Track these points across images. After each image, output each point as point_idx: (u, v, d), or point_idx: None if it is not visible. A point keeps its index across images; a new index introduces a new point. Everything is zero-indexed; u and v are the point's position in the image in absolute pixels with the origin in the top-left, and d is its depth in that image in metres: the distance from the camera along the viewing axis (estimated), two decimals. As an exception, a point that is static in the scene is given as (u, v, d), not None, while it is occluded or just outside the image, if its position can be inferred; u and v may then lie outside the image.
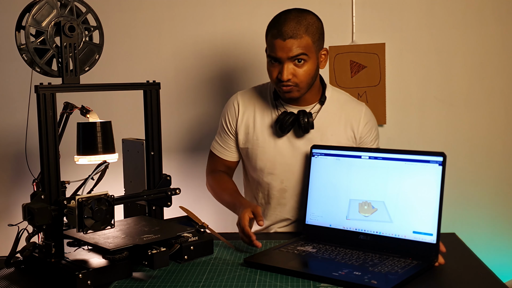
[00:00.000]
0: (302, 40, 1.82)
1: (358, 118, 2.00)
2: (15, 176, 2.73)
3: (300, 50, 1.82)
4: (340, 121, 1.99)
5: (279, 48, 1.82)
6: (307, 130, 1.93)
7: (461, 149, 2.65)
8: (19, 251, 1.52)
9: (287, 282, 1.44)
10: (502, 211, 2.67)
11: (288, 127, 1.93)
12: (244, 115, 2.03)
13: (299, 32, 1.82)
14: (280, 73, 1.85)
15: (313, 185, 1.80)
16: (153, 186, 1.73)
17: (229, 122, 2.06)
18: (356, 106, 2.03)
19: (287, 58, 1.83)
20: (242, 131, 2.03)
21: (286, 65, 1.84)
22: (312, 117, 1.92)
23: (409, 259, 1.55)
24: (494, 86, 2.63)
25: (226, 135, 2.07)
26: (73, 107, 1.63)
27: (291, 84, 1.86)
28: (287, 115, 1.93)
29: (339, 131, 1.98)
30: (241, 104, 2.04)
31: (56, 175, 1.49)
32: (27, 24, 1.52)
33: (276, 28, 1.84)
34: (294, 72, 1.85)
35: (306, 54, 1.84)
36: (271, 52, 1.85)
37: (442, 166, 1.58)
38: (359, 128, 1.99)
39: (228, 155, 2.08)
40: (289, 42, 1.81)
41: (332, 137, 1.97)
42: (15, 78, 2.70)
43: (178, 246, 1.54)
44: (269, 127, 2.00)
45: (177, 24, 2.69)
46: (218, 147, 2.10)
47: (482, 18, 2.60)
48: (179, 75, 2.72)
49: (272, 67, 1.88)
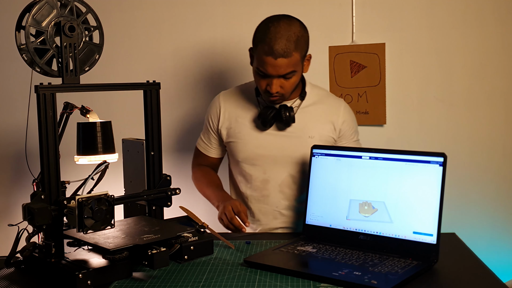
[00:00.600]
0: (292, 58, 1.88)
1: (337, 112, 2.08)
2: (15, 176, 2.73)
3: (289, 68, 1.89)
4: (320, 115, 2.07)
5: (270, 65, 1.87)
6: (289, 124, 2.01)
7: (461, 149, 2.64)
8: (19, 251, 1.52)
9: (287, 282, 1.44)
10: (502, 211, 2.67)
11: (270, 121, 2.00)
12: (226, 113, 2.11)
13: (289, 50, 1.86)
14: (269, 85, 1.92)
15: (313, 185, 1.80)
16: (153, 186, 1.73)
17: (212, 120, 2.15)
18: (335, 101, 2.12)
19: (277, 75, 1.89)
20: (225, 127, 2.11)
21: (276, 80, 1.91)
22: (293, 111, 2.00)
23: (409, 259, 1.55)
24: (494, 86, 2.63)
25: (209, 133, 2.17)
26: (73, 107, 1.63)
27: (278, 95, 1.95)
28: (269, 109, 2.00)
29: (319, 124, 2.06)
30: (223, 103, 2.13)
31: (56, 175, 1.49)
32: (27, 24, 1.52)
33: (266, 44, 1.86)
34: (282, 85, 1.92)
35: (294, 71, 1.91)
36: (261, 67, 1.90)
37: (442, 166, 1.58)
38: (339, 122, 2.07)
39: (211, 151, 2.18)
40: (280, 61, 1.86)
41: (313, 129, 2.04)
42: (15, 78, 2.69)
43: (178, 246, 1.54)
44: (251, 122, 2.07)
45: (177, 24, 2.69)
46: (202, 144, 2.20)
47: (482, 18, 2.60)
48: (179, 75, 2.72)
49: (260, 78, 1.94)
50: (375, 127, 2.66)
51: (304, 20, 2.73)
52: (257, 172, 2.06)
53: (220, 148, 2.18)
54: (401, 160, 1.65)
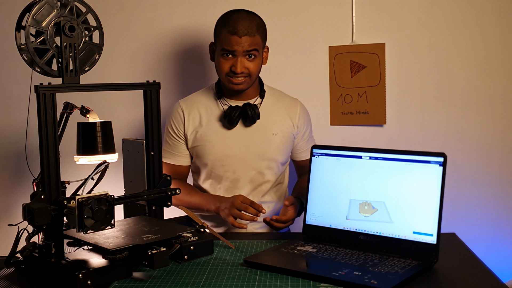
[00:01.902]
0: (255, 38, 2.04)
1: (295, 110, 2.22)
2: (15, 176, 2.73)
3: (253, 46, 2.04)
4: (279, 112, 2.19)
5: (236, 43, 2.02)
6: (254, 121, 2.11)
7: (461, 149, 2.65)
8: (19, 251, 1.52)
9: (287, 282, 1.44)
10: (502, 211, 2.67)
11: (236, 119, 2.10)
12: (190, 118, 2.15)
13: (252, 30, 2.03)
14: (234, 65, 2.04)
15: (313, 185, 1.80)
16: (153, 186, 1.73)
17: (177, 128, 2.17)
18: (291, 101, 2.25)
19: (242, 52, 2.02)
20: (190, 132, 2.15)
21: (240, 59, 2.04)
22: (258, 108, 2.11)
23: (409, 259, 1.55)
24: (494, 86, 2.63)
25: (175, 141, 2.18)
26: (73, 107, 1.63)
27: (244, 75, 2.06)
28: (234, 108, 2.09)
29: (280, 120, 2.18)
30: (184, 108, 2.17)
31: (56, 175, 1.49)
32: (27, 24, 1.52)
33: (231, 25, 2.02)
34: (246, 65, 2.05)
35: (257, 50, 2.06)
36: (227, 46, 2.03)
37: (442, 166, 1.58)
38: (296, 119, 2.21)
39: (181, 160, 2.19)
40: (244, 39, 2.02)
41: (275, 126, 2.16)
42: (15, 78, 2.69)
43: (178, 246, 1.54)
44: (216, 122, 2.13)
45: (177, 24, 2.69)
46: (169, 155, 2.19)
47: (482, 18, 2.60)
48: (180, 75, 2.72)
49: (225, 60, 2.06)
50: (375, 127, 2.66)
51: (304, 20, 2.74)
52: (227, 172, 2.12)
53: (189, 154, 2.19)
54: (401, 160, 1.65)
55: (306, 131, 2.24)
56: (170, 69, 2.71)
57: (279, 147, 2.15)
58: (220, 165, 2.12)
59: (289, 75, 2.64)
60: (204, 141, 2.12)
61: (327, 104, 2.66)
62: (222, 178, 2.13)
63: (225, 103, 2.15)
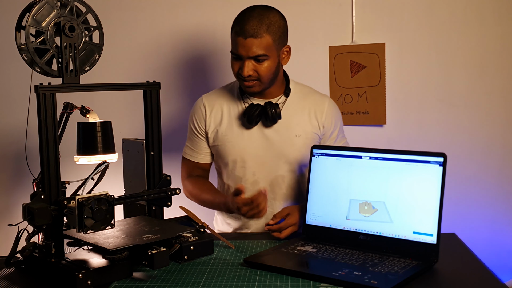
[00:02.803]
0: (263, 39, 1.90)
1: (322, 108, 2.08)
2: (15, 176, 2.73)
3: (259, 51, 1.90)
4: (304, 111, 2.07)
5: (241, 46, 1.91)
6: (275, 120, 2.00)
7: (461, 149, 2.65)
8: (19, 251, 1.52)
9: (287, 282, 1.44)
10: (502, 211, 2.67)
11: (256, 118, 1.99)
12: (212, 115, 2.09)
13: (260, 31, 1.89)
14: (241, 68, 1.93)
15: (313, 185, 1.80)
16: (153, 186, 1.73)
17: (198, 125, 2.11)
18: (320, 98, 2.11)
19: (246, 56, 1.91)
20: (211, 130, 2.08)
21: (247, 63, 1.92)
22: (279, 108, 1.99)
23: (409, 259, 1.55)
24: (494, 86, 2.63)
25: (197, 138, 2.13)
26: (73, 107, 1.63)
27: (252, 79, 1.95)
28: (254, 106, 2.00)
29: (304, 121, 2.06)
30: (207, 105, 2.11)
31: (56, 175, 1.49)
32: (27, 24, 1.52)
33: (239, 25, 1.92)
34: (255, 68, 1.93)
35: (265, 55, 1.91)
36: (233, 49, 1.94)
37: (442, 166, 1.58)
38: (323, 118, 2.07)
39: (201, 157, 2.14)
40: (249, 41, 1.89)
41: (298, 127, 2.04)
42: (15, 78, 2.69)
43: (178, 246, 1.54)
44: (237, 120, 2.06)
45: (177, 24, 2.69)
46: (190, 151, 2.15)
47: (482, 18, 2.60)
48: (180, 74, 2.72)
49: (234, 62, 1.97)
50: (375, 127, 2.66)
51: (304, 20, 2.73)
52: (247, 174, 2.04)
53: (210, 151, 2.14)
54: (401, 160, 1.65)
55: (334, 130, 2.09)
56: (170, 69, 2.71)
57: (302, 149, 2.03)
58: (240, 166, 2.04)
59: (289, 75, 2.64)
60: (224, 140, 2.05)
61: (327, 104, 2.66)
62: (242, 179, 2.05)
63: (247, 101, 2.06)
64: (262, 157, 2.03)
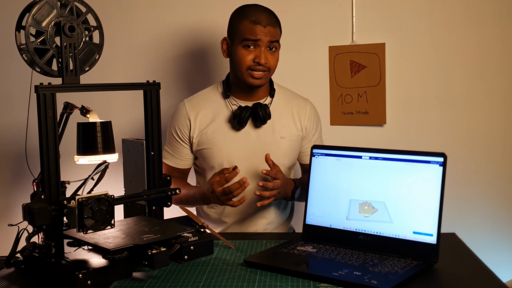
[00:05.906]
0: (277, 30, 2.02)
1: (305, 111, 2.15)
2: (15, 176, 2.73)
3: (276, 37, 2.01)
4: (288, 113, 2.13)
5: (261, 32, 1.97)
6: (265, 121, 2.05)
7: (461, 149, 2.65)
8: (19, 251, 1.52)
9: (287, 282, 1.44)
10: (502, 211, 2.67)
11: (246, 120, 2.03)
12: (197, 119, 2.08)
13: (274, 22, 2.01)
14: (258, 56, 1.97)
15: (313, 185, 1.80)
16: (153, 186, 1.73)
17: (181, 130, 2.10)
18: (302, 101, 2.19)
19: (266, 42, 1.98)
20: (196, 134, 2.08)
21: (264, 49, 1.98)
22: (269, 108, 2.05)
23: (409, 259, 1.55)
24: (494, 86, 2.63)
25: (178, 144, 2.12)
26: (73, 107, 1.63)
27: (265, 69, 2.00)
28: (244, 109, 2.03)
29: (289, 122, 2.12)
30: (190, 110, 2.10)
31: (56, 175, 1.49)
32: (27, 24, 1.52)
33: (254, 16, 1.98)
34: (269, 58, 2.00)
35: (278, 42, 2.03)
36: (251, 36, 1.97)
37: (442, 166, 1.58)
38: (305, 121, 2.15)
39: (181, 163, 2.15)
40: (269, 29, 1.98)
41: (283, 129, 2.10)
42: (15, 78, 2.69)
43: (178, 246, 1.54)
44: (224, 123, 2.07)
45: (177, 23, 2.69)
46: (169, 156, 2.15)
47: (482, 18, 2.60)
48: (180, 74, 2.72)
49: (247, 51, 1.99)
50: (375, 127, 2.67)
51: (304, 20, 2.74)
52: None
53: (191, 157, 2.14)
54: (401, 160, 1.65)
55: (315, 134, 2.18)
56: (170, 69, 2.71)
57: (287, 151, 2.10)
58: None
59: (289, 75, 2.64)
60: (211, 144, 2.06)
61: (327, 104, 2.66)
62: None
63: (234, 103, 2.08)
64: (249, 159, 2.05)
